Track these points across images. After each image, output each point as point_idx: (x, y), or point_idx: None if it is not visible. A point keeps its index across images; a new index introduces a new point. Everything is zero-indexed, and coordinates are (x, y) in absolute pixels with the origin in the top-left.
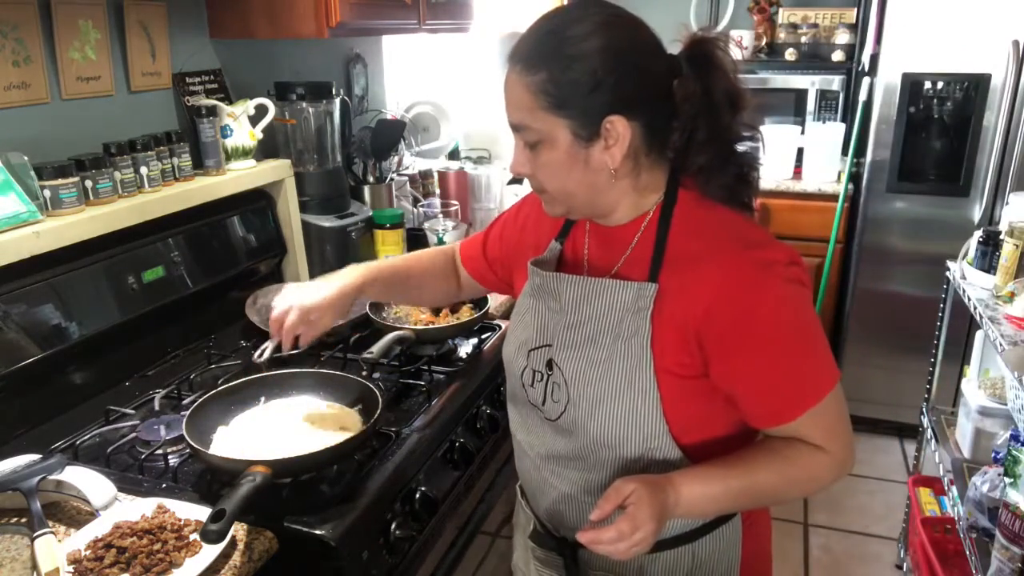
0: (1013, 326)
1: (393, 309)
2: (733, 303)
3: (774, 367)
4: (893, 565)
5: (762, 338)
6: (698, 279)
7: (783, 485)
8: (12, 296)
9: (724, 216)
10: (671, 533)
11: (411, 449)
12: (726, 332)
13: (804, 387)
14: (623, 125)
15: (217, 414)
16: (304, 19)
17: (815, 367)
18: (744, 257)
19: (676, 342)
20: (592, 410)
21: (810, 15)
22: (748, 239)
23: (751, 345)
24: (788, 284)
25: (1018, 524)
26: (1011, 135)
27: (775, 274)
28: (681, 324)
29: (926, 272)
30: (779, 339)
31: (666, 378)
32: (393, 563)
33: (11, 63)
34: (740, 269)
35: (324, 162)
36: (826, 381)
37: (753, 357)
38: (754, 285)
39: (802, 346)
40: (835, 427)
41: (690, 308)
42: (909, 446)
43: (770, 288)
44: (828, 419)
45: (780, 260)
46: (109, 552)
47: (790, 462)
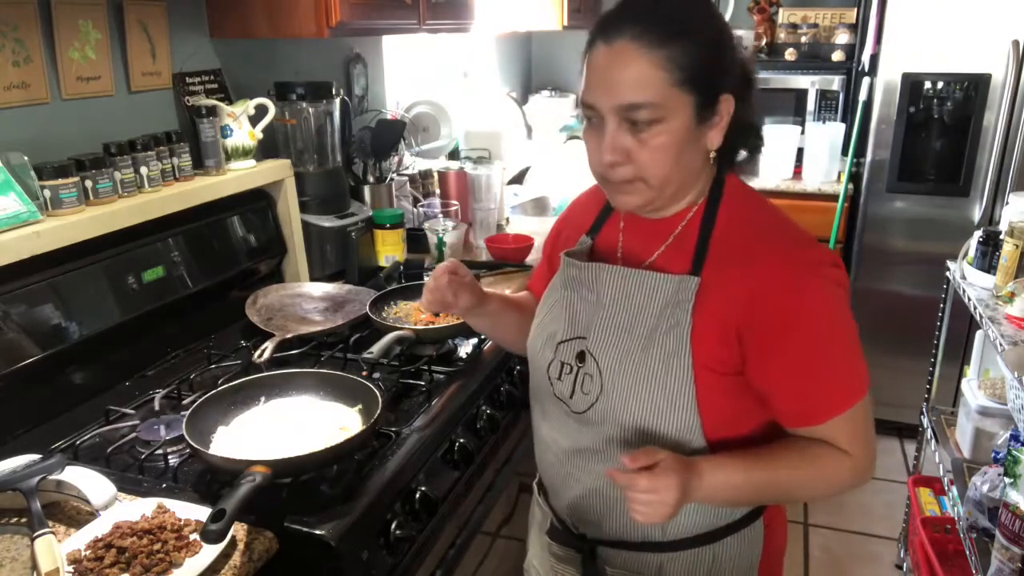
0: (1013, 326)
1: (393, 309)
2: (779, 301)
3: (811, 369)
4: (893, 565)
5: (803, 338)
6: (743, 275)
7: (803, 483)
8: (12, 296)
9: (770, 213)
10: (693, 532)
11: (411, 449)
12: (769, 330)
13: (838, 391)
14: (730, 104)
15: (217, 414)
16: (304, 19)
17: (849, 373)
18: (792, 256)
19: (716, 336)
20: (626, 400)
21: (810, 15)
22: (795, 238)
23: (792, 345)
24: (832, 286)
25: (1018, 524)
26: (1011, 135)
27: (821, 275)
28: (723, 319)
29: (926, 272)
30: (819, 341)
31: (703, 372)
32: (393, 563)
33: (11, 63)
34: (787, 268)
35: (324, 162)
36: (859, 388)
37: (792, 357)
38: (801, 285)
39: (840, 350)
40: (862, 434)
41: (733, 303)
42: (909, 446)
43: (816, 289)
44: (856, 425)
45: (825, 261)
46: (109, 552)
47: (813, 462)
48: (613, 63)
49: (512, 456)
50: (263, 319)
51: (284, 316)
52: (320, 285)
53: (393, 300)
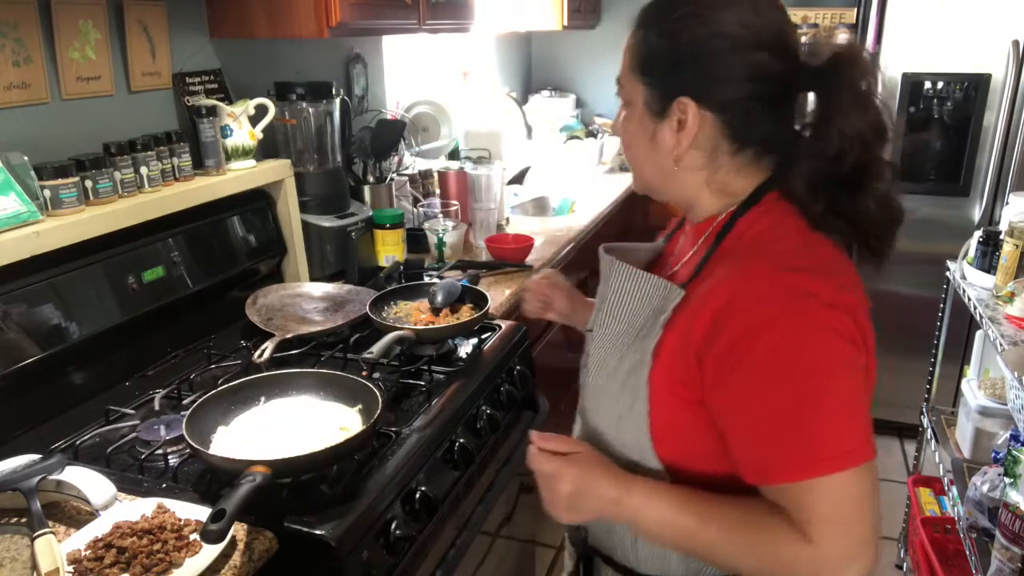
0: (1013, 326)
1: (393, 309)
2: (740, 320)
3: (762, 412)
4: (893, 565)
5: (759, 371)
6: (715, 288)
7: (736, 552)
8: (12, 296)
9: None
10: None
11: (411, 449)
12: (724, 352)
13: (795, 451)
14: (694, 112)
15: (217, 414)
16: (304, 19)
17: (819, 434)
18: (774, 275)
19: (677, 353)
20: (596, 401)
21: (810, 15)
22: (793, 262)
23: (744, 375)
24: (817, 325)
25: (1018, 524)
26: (1011, 135)
27: (804, 306)
28: (685, 334)
29: (926, 272)
30: (777, 380)
31: (660, 390)
32: (393, 563)
33: (11, 63)
34: (762, 286)
35: (324, 162)
36: (834, 456)
37: (743, 390)
38: (771, 307)
39: (808, 404)
40: (835, 520)
41: (697, 318)
42: (909, 446)
43: (789, 316)
44: (827, 503)
45: (820, 295)
46: (109, 552)
47: (756, 531)
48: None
49: (512, 456)
50: (263, 319)
51: (284, 316)
52: (320, 285)
53: (393, 300)
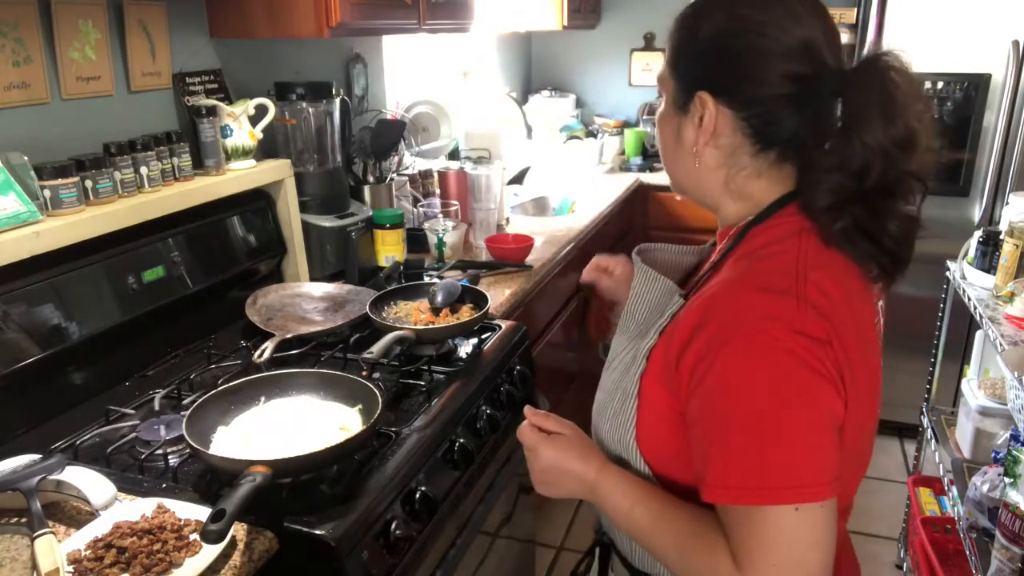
0: (1013, 326)
1: (393, 309)
2: (704, 338)
3: (710, 429)
4: (893, 565)
5: (712, 390)
6: (699, 304)
7: (675, 558)
8: (12, 296)
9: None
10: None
11: (411, 449)
12: (692, 367)
13: (734, 474)
14: (712, 106)
15: (217, 414)
16: (304, 19)
17: (768, 464)
18: (745, 296)
19: (665, 360)
20: (602, 393)
21: None
22: (770, 283)
23: (701, 391)
24: (776, 349)
25: (1018, 524)
26: (1011, 135)
27: (763, 329)
28: (676, 341)
29: (926, 272)
30: (727, 402)
31: (649, 392)
32: (393, 563)
33: (11, 63)
34: (731, 305)
35: (324, 162)
36: (774, 490)
37: (699, 406)
38: (733, 327)
39: (755, 429)
40: (767, 553)
41: (681, 330)
42: (909, 446)
43: (746, 338)
44: (760, 535)
45: (786, 321)
46: (109, 552)
47: (694, 542)
48: None
49: (512, 456)
50: (263, 319)
51: (284, 316)
52: (320, 285)
53: (393, 300)
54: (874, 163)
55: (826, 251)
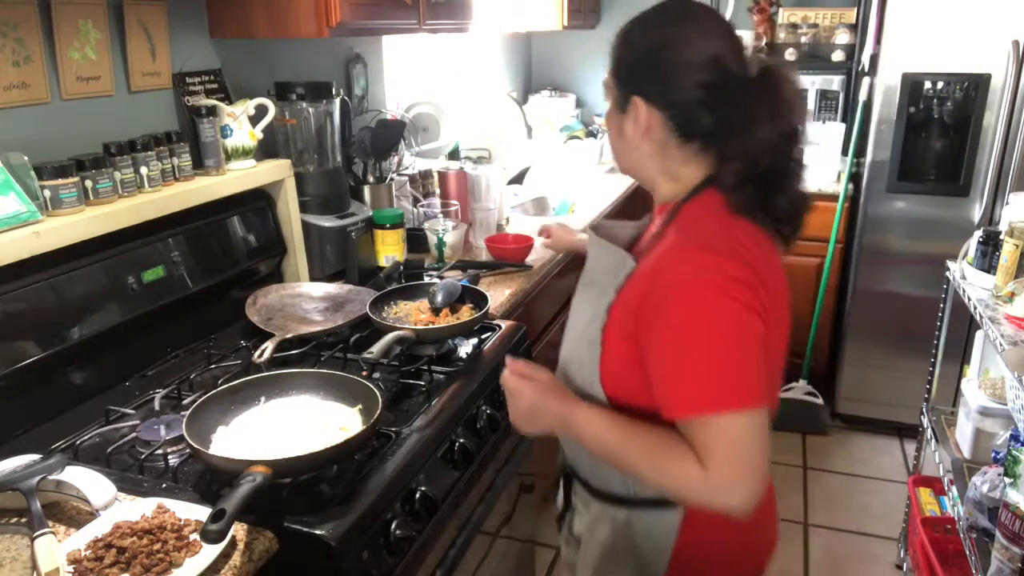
0: (1013, 326)
1: (393, 309)
2: (659, 289)
3: (669, 360)
4: (893, 565)
5: (669, 326)
6: (653, 262)
7: (647, 467)
8: (12, 296)
9: (711, 221)
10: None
11: (411, 449)
12: (650, 313)
13: (692, 392)
14: (644, 108)
15: (217, 414)
16: (304, 19)
17: (711, 379)
18: (688, 253)
19: (625, 310)
20: (568, 342)
21: (810, 15)
22: (708, 243)
23: (660, 329)
24: (717, 292)
25: (1018, 524)
26: (1011, 135)
27: (706, 278)
28: (632, 296)
29: (926, 272)
30: (680, 336)
31: (610, 339)
32: (393, 563)
33: (11, 63)
34: (676, 260)
35: (324, 162)
36: (723, 399)
37: (657, 341)
38: (680, 279)
39: (703, 354)
40: (724, 452)
41: (637, 286)
42: (909, 446)
43: (694, 285)
44: (717, 439)
45: (723, 271)
46: (109, 552)
47: (663, 452)
48: None
49: (512, 456)
50: (263, 319)
51: (284, 316)
52: (320, 285)
53: (393, 300)
54: (765, 153)
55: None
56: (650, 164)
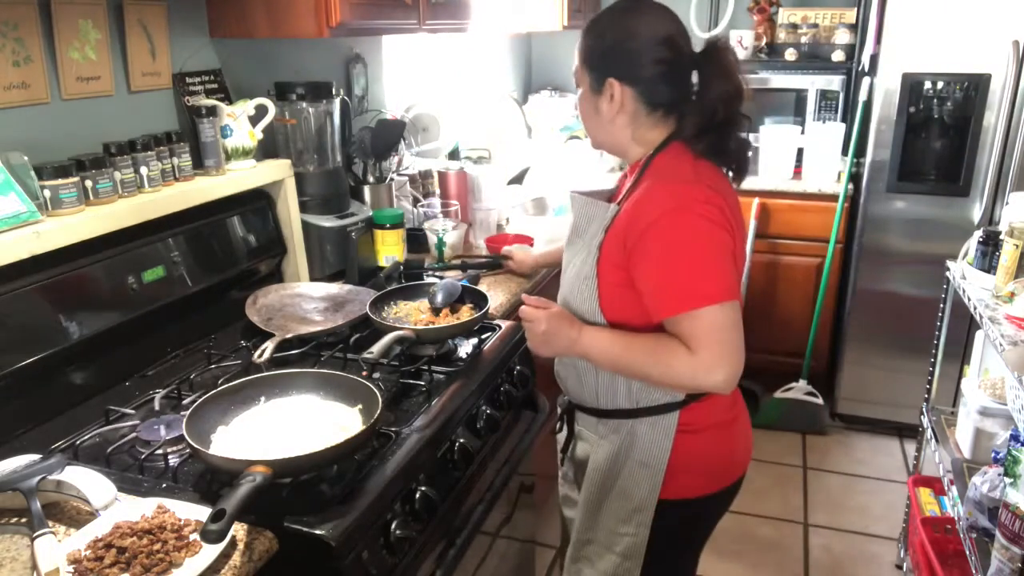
0: (1013, 326)
1: (393, 309)
2: (644, 216)
3: (657, 269)
4: (893, 565)
5: (653, 243)
6: (634, 201)
7: (648, 362)
8: (12, 296)
9: (681, 164)
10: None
11: (411, 449)
12: (637, 238)
13: (680, 293)
14: (618, 87)
15: (217, 414)
16: (304, 19)
17: (692, 280)
18: (665, 188)
19: (615, 246)
20: (567, 283)
21: (810, 15)
22: (680, 179)
23: (647, 249)
24: (692, 215)
25: (1018, 524)
26: (1011, 135)
27: (683, 205)
28: (619, 232)
29: (926, 272)
30: (668, 250)
31: (604, 270)
32: (393, 563)
33: (11, 63)
34: (657, 194)
35: (324, 162)
36: (704, 295)
37: (647, 259)
38: (661, 206)
39: (683, 260)
40: (708, 337)
41: (627, 219)
42: (909, 446)
43: (672, 210)
44: (702, 327)
45: (695, 197)
46: (109, 552)
47: (660, 347)
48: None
49: (512, 456)
50: (263, 319)
51: (284, 316)
52: (320, 285)
53: (393, 300)
54: (719, 107)
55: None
56: (622, 134)
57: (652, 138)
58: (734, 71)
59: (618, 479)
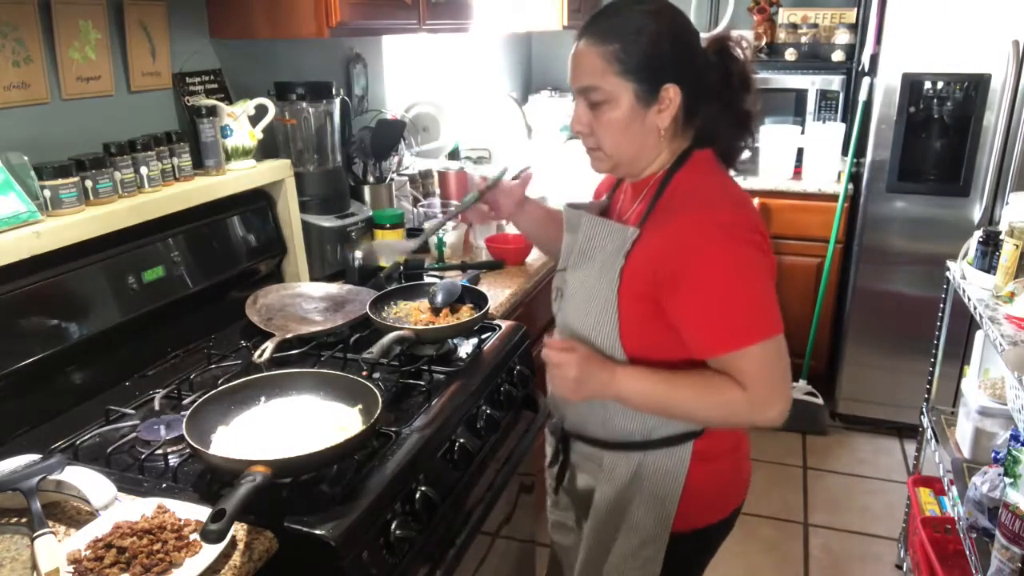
0: (1013, 326)
1: (393, 309)
2: (684, 247)
3: (708, 305)
4: (893, 565)
5: (701, 280)
6: (666, 228)
7: (698, 404)
8: (12, 296)
9: (712, 184)
10: (626, 438)
11: (411, 449)
12: (675, 270)
13: (732, 329)
14: (676, 92)
15: (217, 414)
16: (304, 19)
17: (747, 315)
18: (703, 215)
19: (639, 275)
20: (575, 312)
21: (810, 15)
22: (716, 204)
23: (692, 283)
24: (740, 244)
25: (1018, 524)
26: (1011, 135)
27: (728, 234)
28: (645, 261)
29: (926, 272)
30: (717, 282)
31: (625, 301)
32: (393, 563)
33: (11, 63)
34: (696, 224)
35: (324, 162)
36: (758, 330)
37: (693, 294)
38: (704, 236)
39: (737, 295)
40: (761, 373)
41: (654, 249)
42: (909, 446)
43: (718, 241)
44: (755, 364)
45: (740, 224)
46: (109, 552)
47: (709, 386)
48: (577, 56)
49: (512, 456)
50: (263, 319)
51: (284, 316)
52: (320, 285)
53: (393, 300)
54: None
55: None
56: (657, 147)
57: (676, 147)
58: (749, 66)
59: (626, 514)
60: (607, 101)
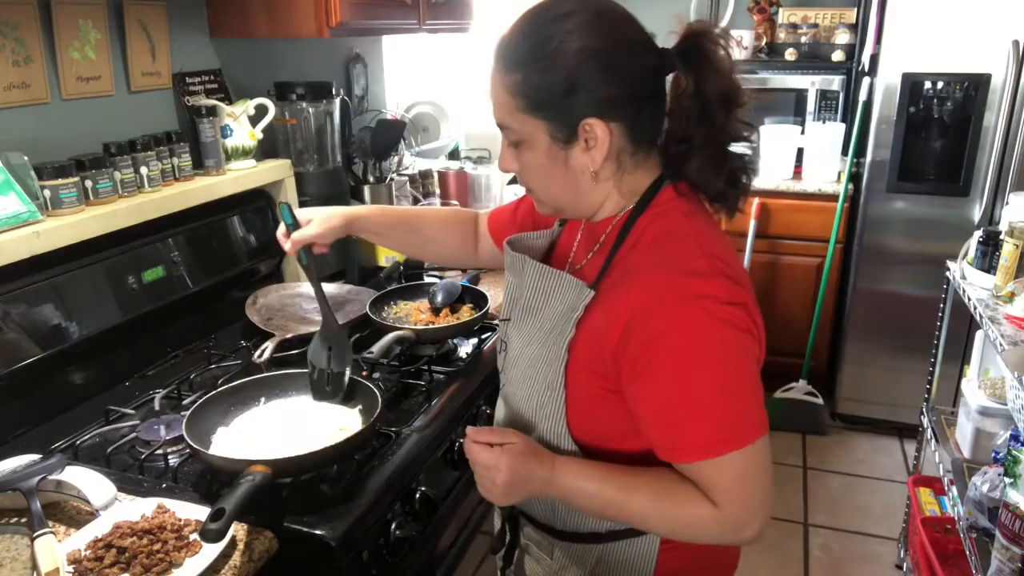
0: (1013, 326)
1: (393, 309)
2: (647, 325)
3: (674, 402)
4: (893, 565)
5: (668, 368)
6: (624, 294)
7: (655, 517)
8: (12, 296)
9: (684, 233)
10: (583, 528)
11: (411, 449)
12: (637, 353)
13: (703, 433)
14: (601, 128)
15: (217, 414)
16: (304, 19)
17: (722, 417)
18: (672, 281)
19: (592, 349)
20: (518, 387)
21: (810, 15)
22: (689, 266)
23: (656, 371)
24: (714, 322)
25: (1018, 524)
26: (1011, 135)
27: (700, 307)
28: (599, 334)
29: (926, 272)
30: (686, 374)
31: (575, 379)
32: (393, 563)
33: (11, 63)
34: (663, 293)
35: (324, 162)
36: (735, 435)
37: (655, 385)
38: (671, 311)
39: (711, 390)
40: (736, 489)
41: (610, 320)
42: (909, 446)
43: (687, 318)
44: (730, 477)
45: (714, 296)
46: (109, 552)
47: (671, 499)
48: (489, 84)
49: None
50: (263, 319)
51: (284, 316)
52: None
53: (393, 300)
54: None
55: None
56: (602, 189)
57: (636, 184)
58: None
59: None
60: (523, 141)
